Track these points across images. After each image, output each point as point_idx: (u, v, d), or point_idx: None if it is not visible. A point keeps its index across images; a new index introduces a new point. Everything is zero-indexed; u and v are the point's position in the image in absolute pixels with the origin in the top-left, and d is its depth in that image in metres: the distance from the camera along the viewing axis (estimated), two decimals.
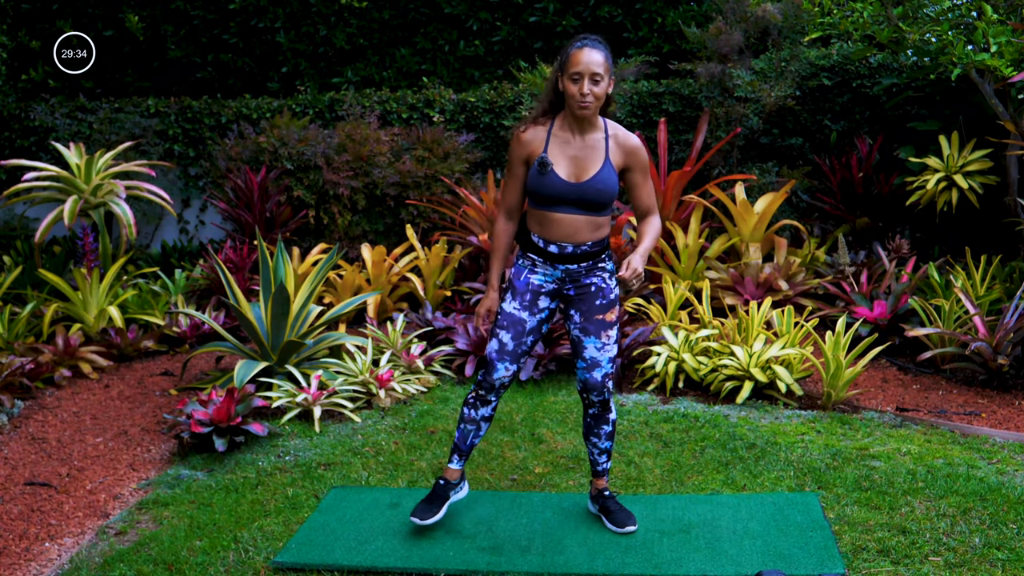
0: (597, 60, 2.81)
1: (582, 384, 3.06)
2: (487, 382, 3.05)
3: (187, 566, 2.95)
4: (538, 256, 2.99)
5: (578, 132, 2.92)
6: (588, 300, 3.00)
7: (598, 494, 3.22)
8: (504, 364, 3.02)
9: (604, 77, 2.83)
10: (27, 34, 8.05)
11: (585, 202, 2.89)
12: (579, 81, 2.81)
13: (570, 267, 2.97)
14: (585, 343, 3.00)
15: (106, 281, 5.56)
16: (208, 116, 7.42)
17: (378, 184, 6.38)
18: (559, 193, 2.89)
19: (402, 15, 7.82)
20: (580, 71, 2.81)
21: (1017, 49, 4.96)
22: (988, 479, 3.38)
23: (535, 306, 3.01)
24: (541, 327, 3.06)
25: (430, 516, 3.10)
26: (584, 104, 2.83)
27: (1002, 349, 4.39)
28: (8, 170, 7.22)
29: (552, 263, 2.98)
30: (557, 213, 2.91)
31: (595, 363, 3.01)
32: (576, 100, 2.83)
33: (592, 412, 3.11)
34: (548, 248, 2.96)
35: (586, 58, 2.81)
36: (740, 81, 6.38)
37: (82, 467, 3.87)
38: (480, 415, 3.12)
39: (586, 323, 3.00)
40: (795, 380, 4.38)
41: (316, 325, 4.78)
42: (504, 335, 3.01)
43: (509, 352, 3.02)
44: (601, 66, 2.82)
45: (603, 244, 2.99)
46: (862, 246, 6.34)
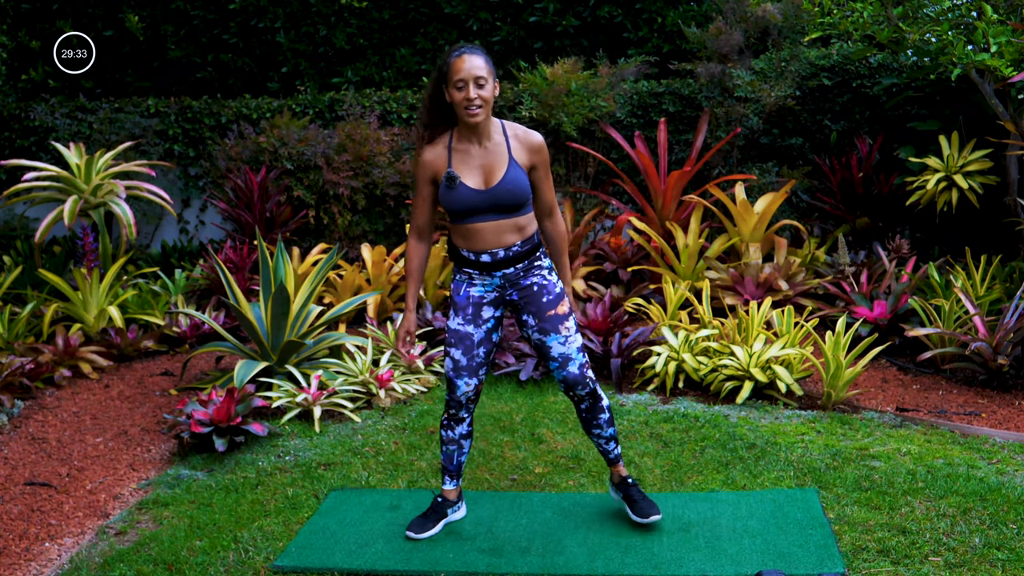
0: (478, 64, 2.81)
1: (563, 383, 3.04)
2: (453, 400, 3.08)
3: (187, 566, 2.95)
4: (472, 268, 3.00)
5: (476, 141, 2.91)
6: (535, 301, 3.00)
7: (621, 482, 3.20)
8: (463, 380, 3.04)
9: (488, 80, 2.83)
10: (27, 34, 8.05)
11: (500, 206, 2.89)
12: (464, 88, 2.80)
13: (507, 271, 2.98)
14: (548, 342, 3.00)
15: (106, 281, 5.56)
16: (208, 116, 7.42)
17: (378, 184, 6.38)
18: (472, 203, 2.89)
19: (402, 15, 7.82)
20: (463, 77, 2.80)
21: (1017, 49, 4.96)
22: (988, 479, 3.38)
23: (479, 317, 3.02)
24: (491, 336, 3.06)
25: (424, 531, 3.13)
26: (473, 111, 2.81)
27: (1002, 349, 4.39)
28: (8, 170, 7.22)
29: (488, 272, 2.99)
30: (478, 223, 2.92)
31: (566, 358, 3.00)
32: (464, 107, 2.82)
33: (584, 407, 3.10)
34: (480, 258, 2.96)
35: (467, 64, 2.80)
36: (740, 81, 6.38)
37: (82, 467, 3.87)
38: (458, 434, 3.15)
39: (542, 323, 3.00)
40: (795, 380, 4.38)
41: (316, 325, 4.78)
42: (455, 352, 3.03)
43: (464, 367, 3.03)
44: (483, 69, 2.82)
45: (533, 242, 2.99)
46: (862, 246, 6.34)
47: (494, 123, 2.94)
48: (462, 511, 3.27)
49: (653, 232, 5.94)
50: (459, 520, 3.25)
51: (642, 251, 6.10)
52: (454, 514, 3.23)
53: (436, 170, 2.94)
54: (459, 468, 3.20)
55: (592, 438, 3.18)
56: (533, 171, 2.98)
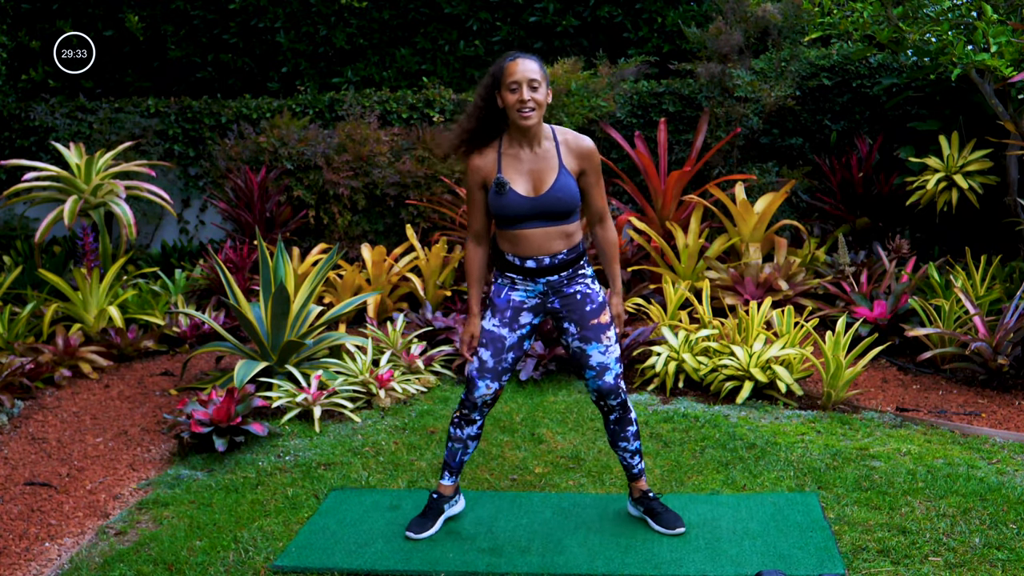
0: (532, 68, 2.82)
1: (596, 392, 3.02)
2: (469, 400, 3.05)
3: (187, 566, 2.95)
4: (516, 274, 2.99)
5: (527, 145, 2.91)
6: (578, 309, 2.99)
7: (641, 496, 3.18)
8: (485, 382, 3.02)
9: (542, 84, 2.84)
10: (27, 34, 8.05)
11: (549, 213, 2.89)
12: (518, 90, 2.81)
13: (551, 279, 2.97)
14: (588, 351, 2.99)
15: (106, 281, 5.56)
16: (208, 116, 7.42)
17: (378, 184, 6.38)
18: (522, 210, 2.88)
19: (402, 15, 7.82)
20: (518, 80, 2.81)
21: (1017, 49, 4.96)
22: (988, 479, 3.38)
23: (516, 322, 3.00)
24: (522, 343, 3.04)
25: (424, 531, 3.12)
26: (526, 112, 2.82)
27: (1002, 349, 4.39)
28: (8, 170, 7.22)
29: (532, 278, 2.98)
30: (525, 229, 2.91)
31: (604, 368, 2.98)
32: (517, 108, 2.82)
33: (613, 417, 3.07)
34: (525, 264, 2.95)
35: (521, 67, 2.82)
36: (740, 81, 6.38)
37: (82, 467, 3.87)
38: (466, 434, 3.13)
39: (584, 331, 2.99)
40: (795, 380, 4.38)
41: (316, 325, 4.78)
42: (484, 352, 3.01)
43: (489, 370, 3.01)
44: (537, 73, 2.83)
45: (579, 250, 2.99)
46: (862, 246, 6.34)
47: (545, 128, 2.94)
48: (460, 504, 3.27)
49: (653, 232, 5.94)
50: (459, 514, 3.25)
51: (642, 251, 6.10)
52: (452, 508, 3.23)
53: (486, 175, 2.93)
54: (460, 465, 3.19)
55: (617, 451, 3.15)
56: (583, 176, 2.96)
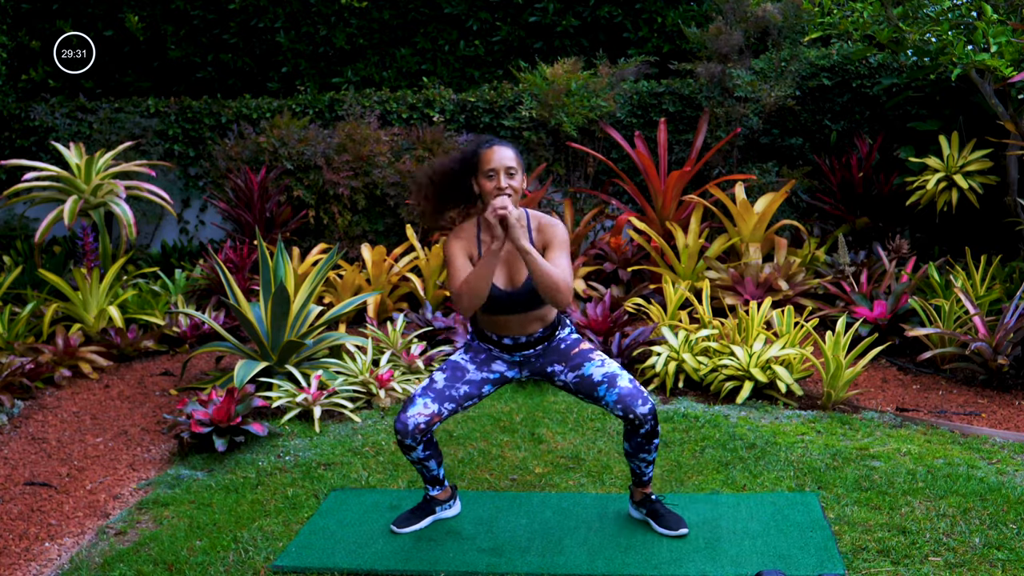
0: (509, 155, 2.81)
1: (620, 404, 2.87)
2: (399, 421, 2.89)
3: (187, 566, 2.95)
4: (493, 346, 3.01)
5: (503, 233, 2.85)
6: (555, 352, 3.00)
7: (644, 499, 3.14)
8: (424, 399, 2.90)
9: (518, 171, 2.83)
10: (27, 34, 8.05)
11: (525, 304, 2.88)
12: (495, 177, 2.80)
13: (526, 352, 2.99)
14: (586, 372, 2.95)
15: (106, 281, 5.56)
16: (208, 116, 7.42)
17: (378, 184, 6.38)
18: (499, 302, 2.87)
19: (402, 15, 7.82)
20: (494, 167, 2.79)
21: (1017, 49, 4.96)
22: (988, 479, 3.38)
23: (486, 366, 3.00)
24: (482, 387, 2.99)
25: (408, 526, 3.11)
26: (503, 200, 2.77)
27: (1002, 349, 4.39)
28: (8, 170, 7.22)
29: (508, 351, 3.00)
30: (502, 317, 2.91)
31: (612, 376, 2.91)
32: (493, 196, 2.78)
33: (645, 431, 2.90)
34: (503, 341, 2.97)
35: (498, 155, 2.80)
36: (740, 81, 6.38)
37: (82, 467, 3.87)
38: (415, 457, 3.01)
39: (571, 363, 2.97)
40: (795, 380, 4.38)
41: (316, 325, 4.78)
42: (438, 374, 2.98)
43: (436, 391, 2.92)
44: (514, 160, 2.82)
45: (553, 326, 2.99)
46: (862, 246, 6.34)
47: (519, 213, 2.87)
48: (455, 508, 3.25)
49: (653, 232, 5.94)
50: (454, 517, 3.24)
51: (642, 251, 6.10)
52: (445, 512, 3.21)
53: (470, 251, 2.91)
54: (436, 478, 3.14)
55: (634, 461, 3.03)
56: (546, 250, 2.90)
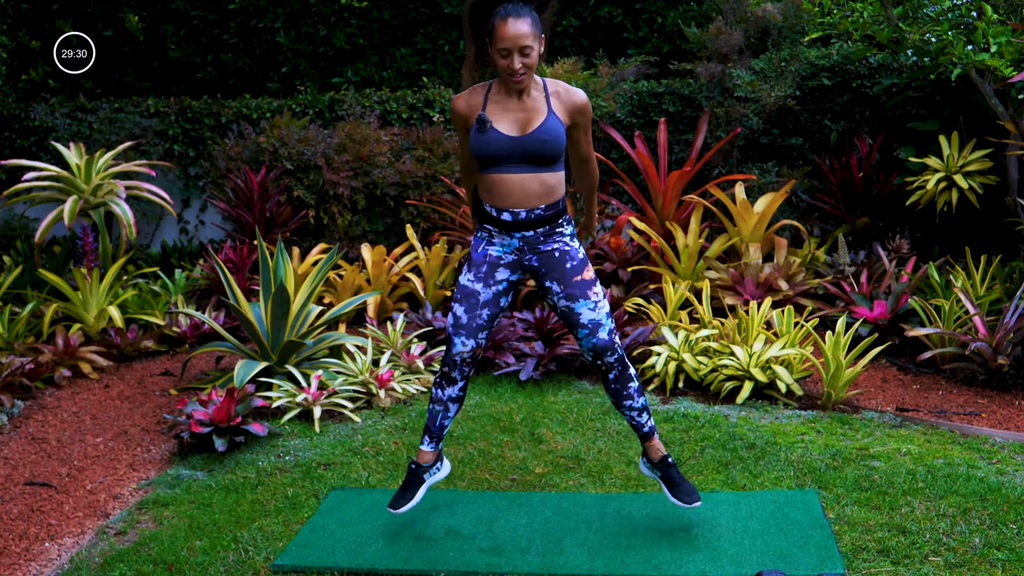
0: (524, 31, 2.72)
1: (592, 351, 2.94)
2: (448, 357, 3.00)
3: (187, 566, 2.95)
4: (493, 226, 2.94)
5: (516, 95, 2.85)
6: (557, 267, 2.94)
7: (661, 460, 3.09)
8: (460, 339, 2.96)
9: (533, 47, 2.74)
10: (27, 34, 8.05)
11: (531, 156, 2.82)
12: (508, 56, 2.74)
13: (526, 234, 2.91)
14: (577, 308, 2.93)
15: (106, 281, 5.56)
16: (208, 116, 7.43)
17: (378, 184, 6.38)
18: (503, 150, 2.81)
19: (402, 15, 7.82)
20: (508, 46, 2.72)
21: (1017, 49, 4.95)
22: (988, 479, 3.38)
23: (491, 278, 2.95)
24: (499, 300, 2.98)
25: (404, 504, 3.04)
26: (517, 79, 2.77)
27: (1002, 349, 4.39)
28: (8, 170, 7.22)
29: (507, 232, 2.92)
30: (504, 174, 2.84)
31: (596, 324, 2.92)
32: (508, 75, 2.77)
33: (613, 376, 2.98)
34: (501, 216, 2.89)
35: (511, 31, 2.71)
36: (740, 81, 6.38)
37: (82, 467, 3.87)
38: (447, 395, 3.05)
39: (568, 289, 2.93)
40: (795, 380, 4.38)
41: (316, 325, 4.78)
42: (458, 308, 2.98)
43: (464, 326, 2.96)
44: (529, 36, 2.72)
45: (558, 208, 2.91)
46: (862, 246, 6.34)
47: (536, 80, 2.88)
48: (445, 468, 3.20)
49: (653, 232, 5.94)
50: (459, 513, 3.22)
51: (642, 251, 6.10)
52: (434, 476, 3.15)
53: (470, 116, 2.89)
54: (441, 431, 3.11)
55: (623, 411, 3.06)
56: (573, 128, 2.91)
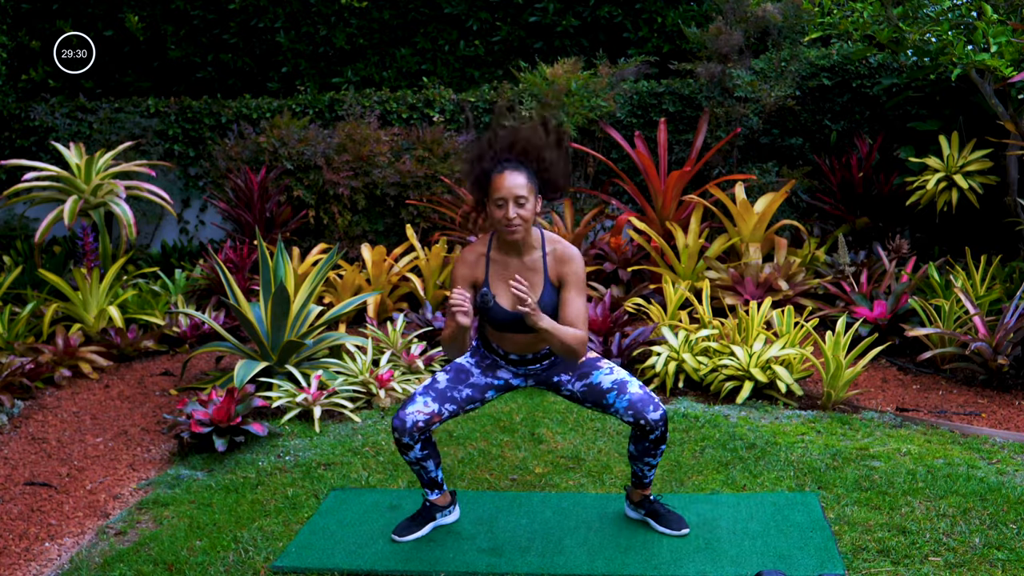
0: (519, 183, 2.73)
1: (631, 411, 2.85)
2: (397, 418, 2.88)
3: (187, 566, 2.95)
4: (499, 359, 2.99)
5: (515, 254, 2.85)
6: (563, 364, 2.98)
7: (643, 500, 3.13)
8: (425, 398, 2.89)
9: (529, 198, 2.74)
10: (27, 34, 8.05)
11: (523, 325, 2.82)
12: (504, 206, 2.73)
13: (532, 367, 2.98)
14: (594, 380, 2.92)
15: (106, 281, 5.56)
16: (208, 116, 7.42)
17: (378, 184, 6.38)
18: (505, 323, 2.85)
19: (402, 15, 7.82)
20: (503, 196, 2.72)
21: (1017, 49, 4.95)
22: (988, 479, 3.38)
23: (491, 372, 2.98)
24: (485, 392, 2.97)
25: (409, 534, 3.08)
26: (512, 229, 2.76)
27: (1002, 349, 4.39)
28: (8, 170, 7.22)
29: (514, 366, 2.98)
30: (508, 334, 2.89)
31: (622, 382, 2.89)
32: (504, 226, 2.76)
33: (654, 436, 2.89)
34: (509, 356, 2.96)
35: (508, 182, 2.72)
36: (740, 81, 6.38)
37: (82, 467, 3.87)
38: (413, 457, 2.98)
39: (578, 371, 2.95)
40: (795, 380, 4.38)
41: (316, 325, 4.78)
42: (440, 374, 2.95)
43: (437, 390, 2.91)
44: (524, 188, 2.73)
45: None
46: (862, 246, 6.34)
47: (535, 234, 2.87)
48: (454, 514, 3.21)
49: (653, 232, 5.94)
50: (454, 522, 3.21)
51: (642, 251, 6.10)
52: (445, 518, 3.18)
53: (475, 277, 2.88)
54: (434, 481, 3.10)
55: (638, 464, 3.02)
56: (561, 288, 2.85)
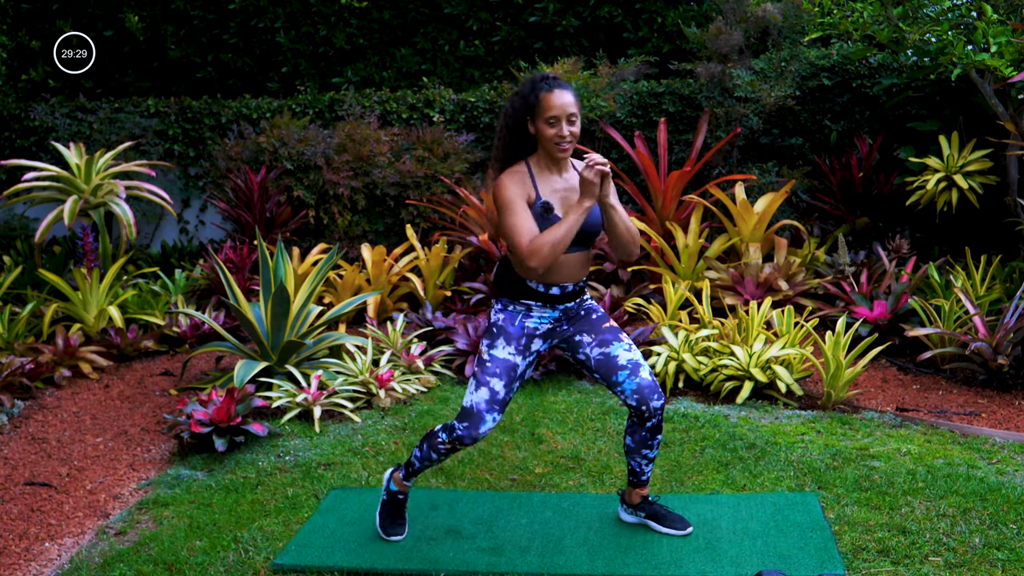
0: (571, 100, 2.76)
1: (637, 394, 2.87)
2: (470, 436, 2.88)
3: (187, 566, 2.95)
4: (536, 301, 2.91)
5: (556, 171, 2.87)
6: (585, 320, 2.97)
7: (643, 501, 3.13)
8: (493, 415, 2.88)
9: (578, 116, 2.79)
10: (27, 34, 8.05)
11: (583, 238, 2.85)
12: (556, 124, 2.75)
13: (568, 305, 2.94)
14: (613, 352, 2.92)
15: (106, 281, 5.56)
16: (208, 116, 7.43)
17: (378, 184, 6.38)
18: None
19: (402, 15, 7.82)
20: (557, 115, 2.74)
21: (1017, 49, 4.95)
22: (988, 479, 3.38)
23: (528, 350, 2.95)
24: (527, 371, 2.99)
25: (397, 531, 3.12)
26: (564, 147, 2.79)
27: (1002, 349, 4.39)
28: (8, 170, 7.23)
29: (552, 304, 2.92)
30: (564, 256, 2.85)
31: (636, 364, 2.90)
32: (556, 143, 2.78)
33: (651, 424, 2.91)
34: (551, 291, 2.89)
35: (559, 100, 2.75)
36: (740, 81, 6.38)
37: (82, 467, 3.87)
38: (445, 460, 3.08)
39: (600, 336, 2.95)
40: (795, 380, 4.38)
41: (316, 325, 4.78)
42: (497, 383, 2.88)
43: (499, 401, 2.88)
44: (575, 106, 2.78)
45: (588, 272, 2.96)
46: (862, 246, 6.34)
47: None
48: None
49: (653, 232, 5.94)
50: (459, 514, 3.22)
51: (642, 251, 6.10)
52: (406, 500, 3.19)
53: (527, 194, 2.84)
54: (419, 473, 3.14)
55: (635, 458, 3.04)
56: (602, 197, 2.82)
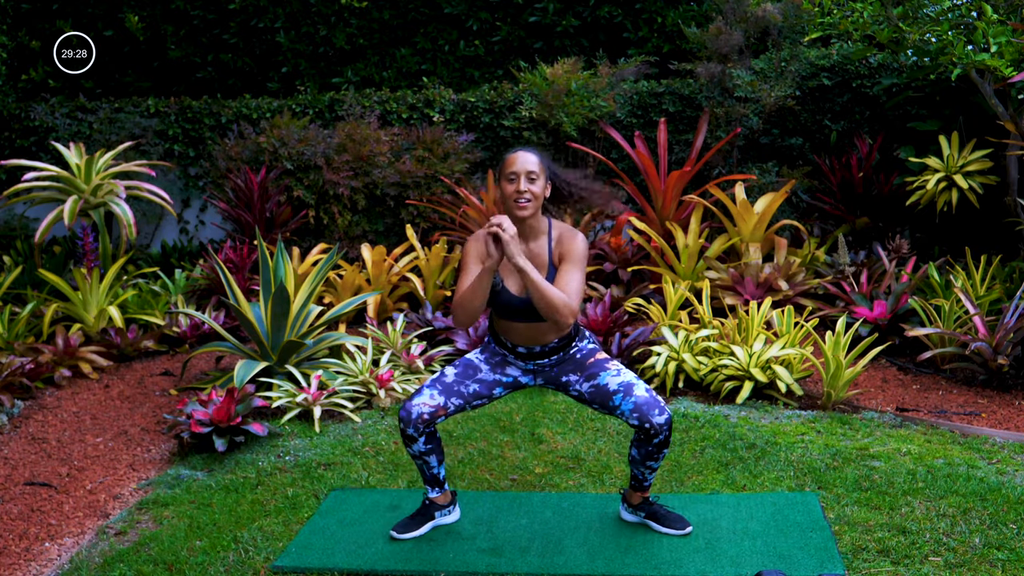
0: (533, 160, 2.85)
1: (636, 413, 2.85)
2: (404, 410, 2.92)
3: (187, 566, 2.95)
4: (508, 353, 3.01)
5: (523, 240, 2.90)
6: (571, 362, 2.99)
7: (642, 502, 3.14)
8: (432, 391, 2.93)
9: (540, 177, 2.85)
10: (27, 34, 8.05)
11: (526, 311, 2.87)
12: (515, 180, 2.83)
13: (540, 362, 2.99)
14: (601, 381, 2.93)
15: (106, 281, 5.56)
16: (208, 116, 7.42)
17: (378, 184, 6.38)
18: (513, 308, 2.88)
19: (402, 15, 7.82)
20: (516, 171, 2.83)
21: (1017, 49, 4.95)
22: (988, 479, 3.38)
23: (501, 368, 3.00)
24: (493, 389, 3.01)
25: (408, 532, 3.10)
26: (522, 203, 2.82)
27: (1002, 349, 4.39)
28: (8, 170, 7.22)
29: (523, 360, 3.00)
30: (515, 323, 2.92)
31: (629, 384, 2.90)
32: (514, 200, 2.83)
33: (659, 440, 2.88)
34: (517, 349, 2.98)
35: (520, 159, 2.85)
36: (740, 81, 6.38)
37: (82, 467, 3.87)
38: (416, 451, 3.01)
39: (587, 371, 2.96)
40: (795, 380, 4.38)
41: (316, 325, 4.78)
42: (450, 370, 2.98)
43: (443, 383, 2.94)
44: (536, 165, 2.85)
45: (570, 335, 2.97)
46: (862, 246, 6.34)
47: (543, 222, 2.94)
48: (454, 515, 3.21)
49: (653, 232, 5.94)
50: (454, 522, 3.21)
51: (642, 251, 6.10)
52: (444, 517, 3.18)
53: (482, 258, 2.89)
54: (435, 478, 3.11)
55: (639, 468, 3.02)
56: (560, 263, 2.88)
